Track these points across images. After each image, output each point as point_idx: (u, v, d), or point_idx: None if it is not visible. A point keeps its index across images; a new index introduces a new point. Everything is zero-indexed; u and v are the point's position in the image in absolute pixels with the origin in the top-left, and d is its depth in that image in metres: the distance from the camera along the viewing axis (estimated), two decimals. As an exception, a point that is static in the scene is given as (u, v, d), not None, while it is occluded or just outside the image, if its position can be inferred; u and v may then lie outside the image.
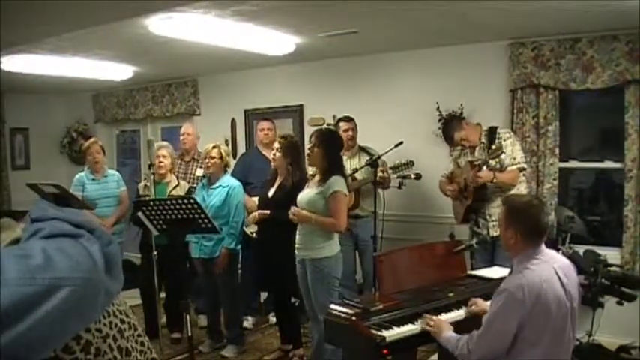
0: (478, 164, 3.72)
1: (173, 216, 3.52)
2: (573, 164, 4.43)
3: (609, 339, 3.76)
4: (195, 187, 4.52)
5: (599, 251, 3.91)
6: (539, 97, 4.23)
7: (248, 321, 4.81)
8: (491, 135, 3.91)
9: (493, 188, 3.80)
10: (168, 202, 3.54)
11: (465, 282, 3.12)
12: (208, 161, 4.14)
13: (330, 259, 3.48)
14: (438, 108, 4.62)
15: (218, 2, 3.19)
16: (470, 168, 3.81)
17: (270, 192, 3.95)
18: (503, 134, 3.87)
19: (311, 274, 3.50)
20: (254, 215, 3.99)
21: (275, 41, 4.27)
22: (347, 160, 4.26)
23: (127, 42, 4.19)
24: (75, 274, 0.62)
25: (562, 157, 4.27)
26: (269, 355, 4.25)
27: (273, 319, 4.75)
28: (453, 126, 4.03)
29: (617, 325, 3.70)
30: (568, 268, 2.28)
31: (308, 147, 3.67)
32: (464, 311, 2.69)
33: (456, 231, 4.14)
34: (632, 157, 3.93)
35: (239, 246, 4.19)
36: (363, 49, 4.83)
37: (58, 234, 0.67)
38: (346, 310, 2.63)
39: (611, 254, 3.97)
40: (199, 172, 4.56)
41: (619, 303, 3.59)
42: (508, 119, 4.39)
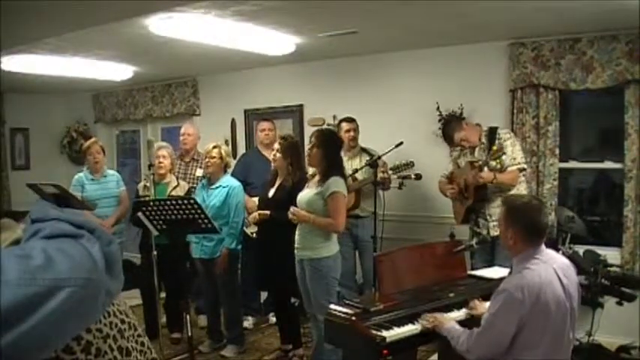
0: (479, 165, 3.72)
1: (173, 216, 3.52)
2: (573, 164, 4.43)
3: (609, 339, 3.76)
4: (195, 187, 4.51)
5: (599, 251, 3.91)
6: (539, 97, 4.23)
7: (248, 321, 4.81)
8: (491, 135, 3.90)
9: (493, 188, 3.80)
10: (168, 203, 3.54)
11: (465, 282, 3.12)
12: (208, 161, 4.13)
13: (329, 259, 3.49)
14: (438, 108, 4.62)
15: (218, 2, 3.19)
16: (470, 168, 3.81)
17: (270, 192, 3.95)
18: (503, 134, 3.86)
19: (310, 274, 3.50)
20: (254, 215, 3.99)
21: (275, 41, 4.27)
22: (348, 161, 4.27)
23: (127, 42, 4.19)
24: (75, 275, 0.62)
25: (562, 157, 4.27)
26: (269, 355, 4.25)
27: (273, 319, 4.75)
28: (453, 126, 4.02)
29: (617, 326, 3.70)
30: (568, 269, 2.28)
31: (308, 147, 3.67)
32: (464, 312, 2.70)
33: (456, 231, 4.13)
34: (632, 157, 3.93)
35: (239, 246, 4.19)
36: (363, 49, 4.83)
37: (59, 234, 0.67)
38: (346, 311, 2.62)
39: (611, 254, 3.97)
40: (199, 172, 4.56)
41: (619, 303, 3.59)
42: (508, 119, 4.39)
